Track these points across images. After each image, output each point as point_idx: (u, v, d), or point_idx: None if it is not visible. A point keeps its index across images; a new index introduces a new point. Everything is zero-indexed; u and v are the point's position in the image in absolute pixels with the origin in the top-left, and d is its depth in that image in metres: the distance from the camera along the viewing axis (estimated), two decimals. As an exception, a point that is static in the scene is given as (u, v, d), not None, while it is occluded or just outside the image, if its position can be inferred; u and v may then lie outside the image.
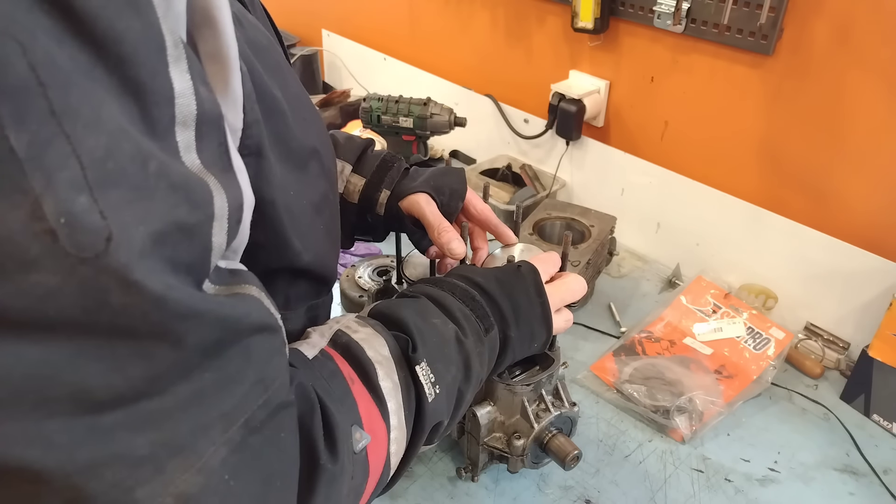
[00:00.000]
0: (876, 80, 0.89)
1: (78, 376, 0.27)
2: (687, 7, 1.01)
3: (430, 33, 1.53)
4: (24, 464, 0.26)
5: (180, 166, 0.30)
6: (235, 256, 0.38)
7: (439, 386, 0.51)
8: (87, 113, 0.25)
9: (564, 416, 0.74)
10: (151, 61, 0.28)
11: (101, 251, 0.25)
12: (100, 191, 0.25)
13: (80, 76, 0.25)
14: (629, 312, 1.10)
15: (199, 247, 0.31)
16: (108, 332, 0.27)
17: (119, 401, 0.28)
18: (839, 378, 0.99)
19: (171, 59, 0.29)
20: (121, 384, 0.28)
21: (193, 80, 0.30)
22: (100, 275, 0.26)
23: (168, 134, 0.30)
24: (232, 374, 0.33)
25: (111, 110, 0.26)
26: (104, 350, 0.27)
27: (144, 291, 0.27)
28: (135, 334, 0.28)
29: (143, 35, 0.28)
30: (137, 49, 0.27)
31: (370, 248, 1.22)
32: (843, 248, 0.98)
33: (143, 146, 0.28)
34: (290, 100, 0.45)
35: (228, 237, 0.33)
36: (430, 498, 0.79)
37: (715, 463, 0.85)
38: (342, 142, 0.74)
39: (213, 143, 0.32)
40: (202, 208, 0.31)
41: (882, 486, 0.82)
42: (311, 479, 0.39)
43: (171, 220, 0.29)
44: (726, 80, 1.05)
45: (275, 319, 0.38)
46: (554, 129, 1.27)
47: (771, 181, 1.06)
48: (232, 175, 0.34)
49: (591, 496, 0.80)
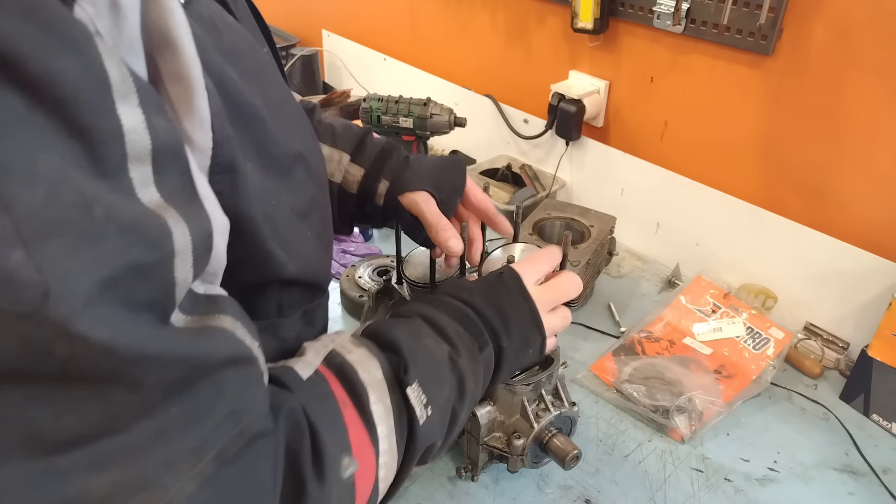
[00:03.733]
0: (875, 80, 0.89)
1: (28, 419, 0.27)
2: (686, 7, 1.01)
3: (430, 34, 1.53)
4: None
5: (133, 205, 0.29)
6: (215, 279, 0.38)
7: (431, 407, 0.50)
8: (21, 165, 0.25)
9: (564, 416, 0.74)
10: (95, 100, 0.27)
11: (39, 305, 0.25)
12: (36, 244, 0.25)
13: (14, 125, 0.25)
14: (629, 312, 1.10)
15: (159, 284, 0.31)
16: (57, 378, 0.27)
17: (76, 441, 0.28)
18: (839, 378, 0.99)
19: (117, 95, 0.28)
20: (76, 425, 0.28)
21: (146, 113, 0.29)
22: (39, 328, 0.25)
23: (120, 172, 0.29)
24: (201, 409, 0.33)
25: (50, 158, 0.26)
26: (56, 393, 0.27)
27: (89, 342, 0.27)
28: (87, 379, 0.28)
29: (83, 74, 0.27)
30: (78, 89, 0.26)
31: (370, 249, 1.22)
32: (842, 248, 0.98)
33: (89, 191, 0.27)
34: (272, 105, 0.44)
35: (196, 269, 0.33)
36: (430, 497, 0.79)
37: (714, 463, 0.85)
38: (340, 130, 0.72)
39: (173, 175, 0.32)
40: (159, 246, 0.30)
41: (881, 485, 0.82)
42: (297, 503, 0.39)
43: (124, 263, 0.28)
44: (726, 81, 1.05)
45: (249, 351, 0.37)
46: (554, 129, 1.27)
47: (770, 181, 1.06)
48: (198, 204, 0.33)
49: (591, 496, 0.80)
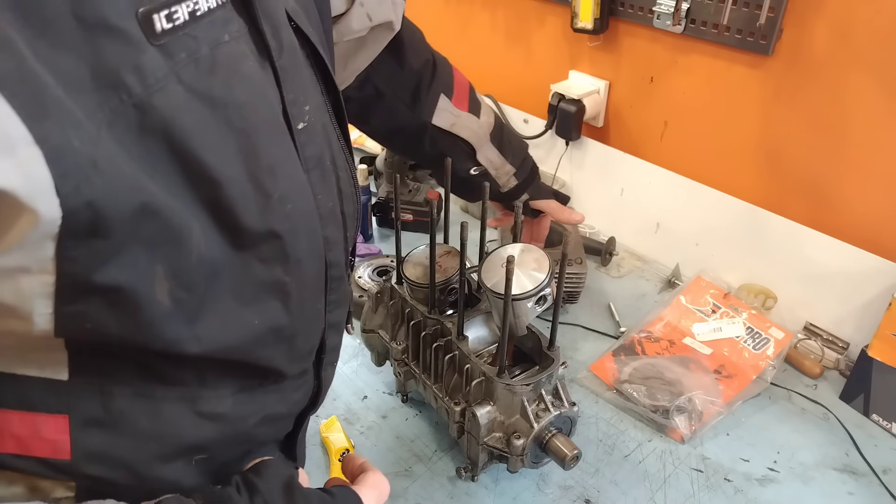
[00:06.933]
0: (875, 81, 0.89)
1: None
2: (686, 7, 1.01)
3: (429, 34, 1.53)
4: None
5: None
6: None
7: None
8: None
9: (564, 416, 0.74)
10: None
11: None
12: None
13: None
14: (629, 312, 1.10)
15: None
16: None
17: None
18: (838, 378, 0.99)
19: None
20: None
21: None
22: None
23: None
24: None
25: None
26: None
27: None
28: None
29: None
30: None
31: (370, 249, 1.22)
32: (842, 248, 0.98)
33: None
34: (260, 169, 0.40)
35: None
36: (430, 498, 0.79)
37: (714, 463, 0.85)
38: (514, 142, 0.92)
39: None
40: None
41: (881, 485, 0.82)
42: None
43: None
44: (726, 81, 1.05)
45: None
46: (553, 129, 1.27)
47: (770, 181, 1.06)
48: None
49: (591, 496, 0.80)
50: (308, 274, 0.48)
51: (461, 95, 0.86)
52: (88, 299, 0.35)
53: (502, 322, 0.69)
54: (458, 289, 0.76)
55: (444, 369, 0.78)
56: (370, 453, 0.85)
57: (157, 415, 0.44)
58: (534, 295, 0.69)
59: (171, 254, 0.37)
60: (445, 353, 0.78)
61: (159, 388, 0.44)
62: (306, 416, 0.59)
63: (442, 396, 0.79)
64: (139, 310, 0.37)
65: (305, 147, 0.47)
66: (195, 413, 0.46)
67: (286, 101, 0.44)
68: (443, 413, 0.81)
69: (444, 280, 0.80)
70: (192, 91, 0.36)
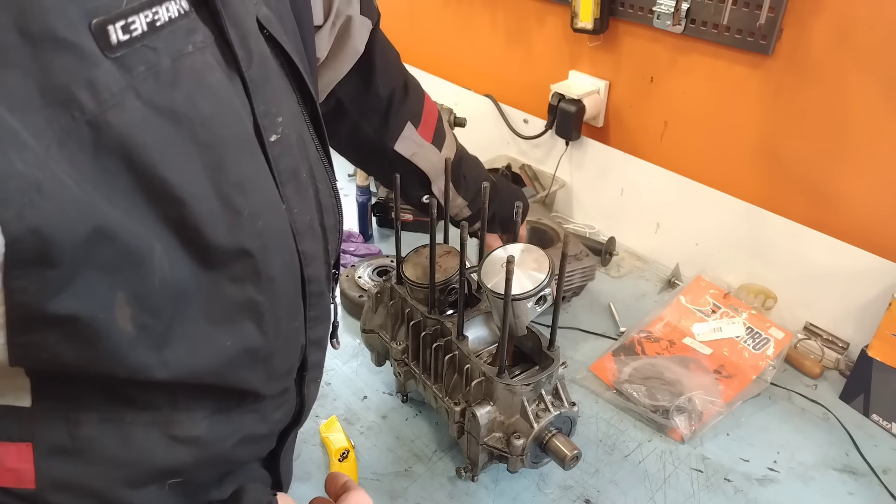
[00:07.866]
0: (875, 81, 0.89)
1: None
2: (686, 7, 1.01)
3: (429, 33, 1.53)
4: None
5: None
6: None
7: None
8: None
9: (564, 416, 0.74)
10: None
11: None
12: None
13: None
14: (628, 312, 1.10)
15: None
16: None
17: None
18: (838, 378, 0.99)
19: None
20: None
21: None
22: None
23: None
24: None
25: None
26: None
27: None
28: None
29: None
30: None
31: (370, 249, 1.22)
32: (842, 248, 0.98)
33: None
34: (228, 185, 0.39)
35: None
36: (430, 498, 0.79)
37: (714, 463, 0.85)
38: (469, 177, 0.90)
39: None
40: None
41: (881, 485, 0.82)
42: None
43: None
44: (726, 81, 1.05)
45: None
46: (553, 129, 1.27)
47: (770, 181, 1.06)
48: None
49: (591, 496, 0.80)
50: (283, 292, 0.46)
51: (428, 125, 0.85)
52: (43, 329, 0.34)
53: (502, 322, 0.69)
54: (458, 289, 0.76)
55: (444, 369, 0.78)
56: (370, 453, 0.85)
57: (126, 440, 0.43)
58: (534, 295, 0.69)
59: (132, 278, 0.35)
60: (445, 353, 0.78)
61: (128, 413, 0.43)
62: (289, 433, 0.58)
63: (442, 396, 0.79)
64: (99, 339, 0.35)
65: (279, 160, 0.45)
66: (168, 437, 0.44)
67: (257, 113, 0.43)
68: (443, 413, 0.81)
69: (444, 280, 0.80)
70: (152, 106, 0.35)
